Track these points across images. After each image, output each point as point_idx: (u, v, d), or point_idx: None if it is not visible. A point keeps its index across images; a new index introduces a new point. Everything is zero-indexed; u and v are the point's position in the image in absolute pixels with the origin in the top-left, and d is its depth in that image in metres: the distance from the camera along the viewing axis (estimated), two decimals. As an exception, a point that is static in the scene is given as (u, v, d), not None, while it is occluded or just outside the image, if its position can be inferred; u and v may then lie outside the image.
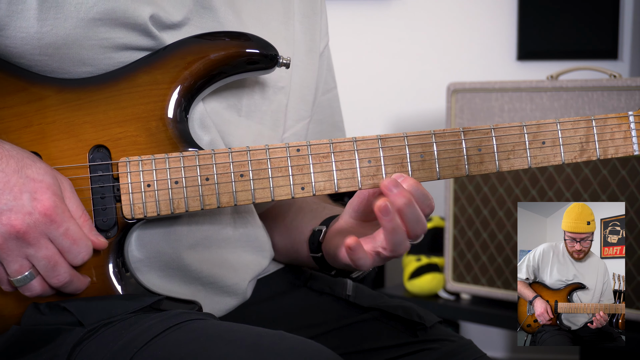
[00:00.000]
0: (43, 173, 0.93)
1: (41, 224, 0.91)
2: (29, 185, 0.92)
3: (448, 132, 1.03)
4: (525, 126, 1.04)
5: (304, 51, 1.22)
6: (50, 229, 0.92)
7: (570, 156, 1.05)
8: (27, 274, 0.93)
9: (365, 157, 1.02)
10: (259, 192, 1.01)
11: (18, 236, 0.91)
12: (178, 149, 1.02)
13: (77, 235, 0.94)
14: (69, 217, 0.94)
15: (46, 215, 0.91)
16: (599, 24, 2.66)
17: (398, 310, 1.17)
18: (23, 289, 0.95)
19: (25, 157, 0.94)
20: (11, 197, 0.90)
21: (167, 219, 1.05)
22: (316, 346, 0.88)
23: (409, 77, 2.75)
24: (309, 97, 1.24)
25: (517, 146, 1.04)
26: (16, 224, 0.90)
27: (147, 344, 0.88)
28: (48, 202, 0.92)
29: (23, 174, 0.92)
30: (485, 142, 1.04)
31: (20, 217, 0.90)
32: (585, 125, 1.06)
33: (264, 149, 1.01)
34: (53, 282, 0.94)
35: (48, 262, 0.93)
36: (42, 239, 0.92)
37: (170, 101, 1.02)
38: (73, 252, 0.94)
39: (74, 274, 0.96)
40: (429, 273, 2.23)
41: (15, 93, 1.00)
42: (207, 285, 1.09)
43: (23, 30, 0.97)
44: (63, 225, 0.93)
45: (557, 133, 1.05)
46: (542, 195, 1.98)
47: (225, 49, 1.04)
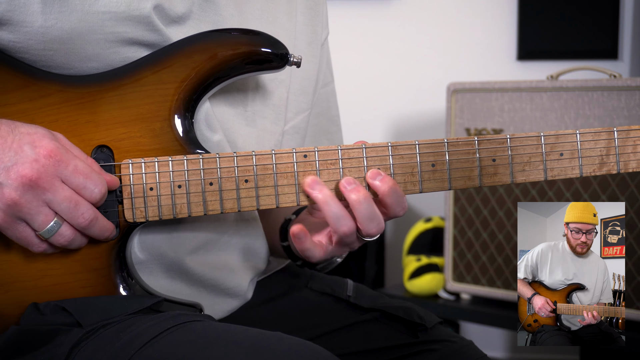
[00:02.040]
0: (35, 127, 0.94)
1: (50, 166, 0.91)
2: (26, 138, 0.92)
3: (462, 141, 0.99)
4: (543, 136, 1.00)
5: (306, 42, 1.21)
6: (59, 169, 0.92)
7: (588, 169, 1.01)
8: (53, 222, 0.92)
9: (374, 164, 0.99)
10: (263, 198, 0.98)
11: (32, 184, 0.90)
12: (183, 151, 1.00)
13: (87, 170, 0.93)
14: (74, 155, 0.94)
15: (51, 156, 0.91)
16: (599, 24, 2.66)
17: (399, 311, 1.16)
18: (55, 239, 0.93)
19: (14, 121, 0.94)
20: (12, 153, 0.91)
21: (170, 222, 1.04)
22: (313, 347, 0.88)
23: (409, 77, 2.75)
24: (309, 89, 1.22)
25: (533, 157, 1.00)
26: (26, 173, 0.90)
27: (145, 345, 0.88)
28: (49, 145, 0.92)
29: (17, 132, 0.92)
30: (500, 152, 1.00)
31: (27, 166, 0.90)
32: (607, 136, 1.01)
33: (270, 153, 0.98)
34: (80, 222, 0.93)
35: (69, 203, 0.92)
36: (55, 181, 0.91)
37: (176, 101, 1.01)
38: (89, 187, 0.93)
39: (97, 212, 0.95)
40: (429, 273, 2.23)
41: (18, 90, 0.99)
42: (208, 287, 1.09)
43: (27, 24, 0.96)
44: (70, 162, 0.92)
45: (576, 144, 1.00)
46: (542, 195, 1.98)
47: (234, 48, 1.02)
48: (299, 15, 1.20)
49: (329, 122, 1.32)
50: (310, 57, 1.22)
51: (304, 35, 1.21)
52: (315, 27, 1.23)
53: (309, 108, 1.23)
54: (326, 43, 1.28)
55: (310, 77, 1.22)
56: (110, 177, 0.97)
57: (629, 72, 2.68)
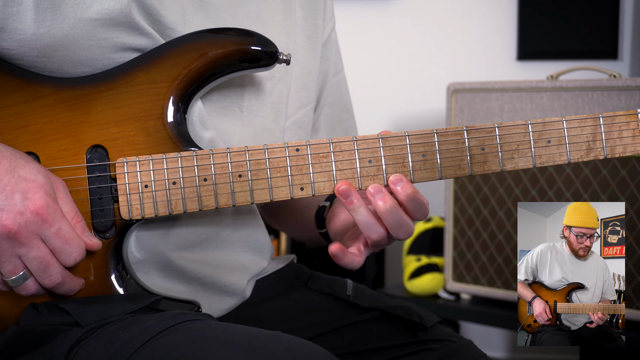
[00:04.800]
0: (35, 173, 0.93)
1: (33, 224, 0.91)
2: (21, 185, 0.91)
3: (451, 131, 1.01)
4: (530, 124, 1.02)
5: (305, 37, 1.21)
6: (42, 229, 0.91)
7: (576, 155, 1.03)
8: (21, 274, 0.93)
9: (365, 156, 1.01)
10: (257, 192, 1.00)
11: (10, 236, 0.90)
12: (177, 149, 1.01)
13: (69, 235, 0.93)
14: (61, 217, 0.93)
15: (38, 214, 0.91)
16: (599, 24, 2.66)
17: (398, 310, 1.16)
18: (18, 289, 0.94)
19: (18, 158, 0.93)
20: (3, 197, 0.90)
21: (166, 219, 1.05)
22: (313, 347, 0.88)
23: (409, 77, 2.75)
24: (311, 84, 1.23)
25: (521, 145, 1.02)
26: (8, 224, 0.90)
27: (145, 345, 0.88)
28: (40, 201, 0.91)
29: (15, 174, 0.91)
30: (488, 141, 1.02)
31: (12, 217, 0.90)
32: (593, 123, 1.03)
33: (263, 148, 1.00)
34: (45, 283, 0.94)
35: (40, 263, 0.92)
36: (33, 239, 0.91)
37: (169, 100, 1.02)
38: (65, 252, 0.93)
39: (67, 275, 0.95)
40: (429, 273, 2.23)
41: (12, 92, 0.99)
42: (206, 285, 1.09)
43: (20, 32, 0.97)
44: (55, 225, 0.92)
45: (563, 131, 1.02)
46: (542, 195, 1.98)
47: (224, 47, 1.03)
48: (297, 10, 1.20)
49: (341, 110, 1.33)
50: (310, 52, 1.22)
51: (304, 30, 1.21)
52: (315, 20, 1.23)
53: (311, 102, 1.23)
54: (333, 33, 1.29)
55: (312, 72, 1.22)
56: (91, 240, 0.96)
57: (629, 72, 2.68)
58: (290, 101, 1.19)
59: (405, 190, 0.98)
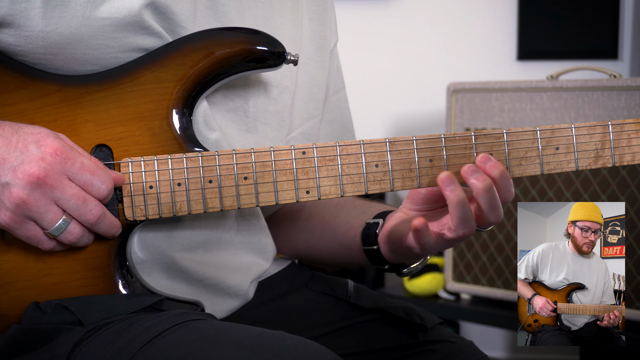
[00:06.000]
0: (38, 127, 0.95)
1: (56, 164, 0.92)
2: (30, 137, 0.92)
3: (459, 136, 1.00)
4: (539, 131, 1.01)
5: (314, 49, 1.21)
6: (66, 167, 0.92)
7: (584, 163, 1.02)
8: (62, 220, 0.93)
9: (372, 160, 1.00)
10: (263, 195, 0.99)
11: (39, 183, 0.91)
12: (182, 149, 1.00)
13: (93, 167, 0.94)
14: (79, 153, 0.95)
15: (57, 154, 0.92)
16: (599, 24, 2.66)
17: (399, 311, 1.16)
18: (64, 237, 0.94)
19: (17, 122, 0.95)
20: (18, 153, 0.91)
21: (170, 220, 1.04)
22: (316, 346, 0.88)
23: (409, 77, 2.75)
24: (319, 95, 1.22)
25: (529, 152, 1.01)
26: (33, 172, 0.90)
27: (147, 344, 0.88)
28: (54, 143, 0.92)
29: (21, 132, 0.93)
30: (496, 147, 1.00)
31: (34, 165, 0.91)
32: (602, 130, 1.02)
33: (269, 150, 0.99)
34: (88, 219, 0.94)
35: (77, 199, 0.93)
36: (62, 179, 0.92)
37: (174, 100, 1.01)
38: (95, 184, 0.94)
39: (104, 208, 0.95)
40: (429, 273, 2.23)
41: (17, 90, 0.99)
42: (209, 286, 1.09)
43: (27, 28, 0.97)
44: (77, 160, 0.93)
45: (571, 139, 1.01)
46: (542, 195, 1.98)
47: (231, 46, 1.02)
48: (305, 21, 1.20)
49: (342, 129, 1.32)
50: (319, 63, 1.22)
51: (312, 42, 1.21)
52: (324, 32, 1.23)
53: (319, 114, 1.23)
54: (335, 49, 1.28)
55: (320, 83, 1.22)
56: (116, 174, 0.97)
57: (629, 72, 2.68)
58: (297, 111, 1.19)
59: (498, 167, 0.98)
